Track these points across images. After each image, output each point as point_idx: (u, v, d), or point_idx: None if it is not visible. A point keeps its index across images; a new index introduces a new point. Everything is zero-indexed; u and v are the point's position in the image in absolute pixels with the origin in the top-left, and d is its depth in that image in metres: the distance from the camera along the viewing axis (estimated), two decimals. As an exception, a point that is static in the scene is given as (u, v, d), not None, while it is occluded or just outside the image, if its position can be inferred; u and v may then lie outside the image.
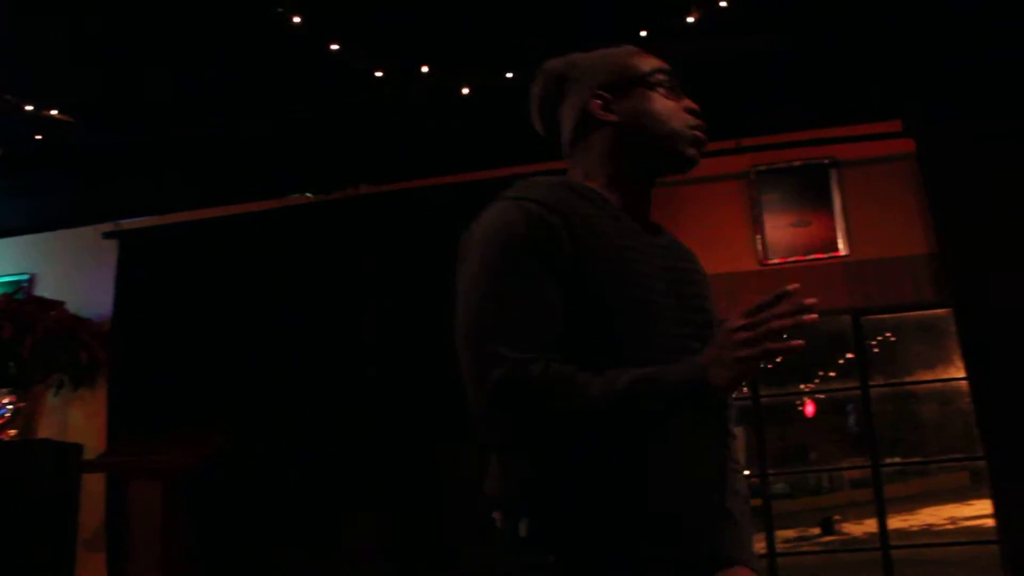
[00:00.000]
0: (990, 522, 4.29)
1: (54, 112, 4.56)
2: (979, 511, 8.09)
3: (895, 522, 7.17)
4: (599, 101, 1.69)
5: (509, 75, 4.36)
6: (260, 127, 4.65)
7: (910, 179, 4.48)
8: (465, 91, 4.47)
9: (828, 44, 4.35)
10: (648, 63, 1.72)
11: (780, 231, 4.67)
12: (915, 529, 10.20)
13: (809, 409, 13.63)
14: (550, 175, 1.64)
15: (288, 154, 4.75)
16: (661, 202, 1.79)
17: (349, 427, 4.49)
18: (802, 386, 9.80)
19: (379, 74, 4.32)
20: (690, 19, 3.92)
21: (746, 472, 1.70)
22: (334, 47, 4.12)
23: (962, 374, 4.39)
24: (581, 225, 1.52)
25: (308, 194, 4.83)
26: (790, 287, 1.36)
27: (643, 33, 4.05)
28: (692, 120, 1.69)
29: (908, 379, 8.64)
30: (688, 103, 1.70)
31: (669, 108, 1.68)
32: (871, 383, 4.73)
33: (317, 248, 4.73)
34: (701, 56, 4.08)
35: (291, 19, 3.90)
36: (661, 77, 1.70)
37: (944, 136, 4.33)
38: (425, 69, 4.33)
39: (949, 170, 4.33)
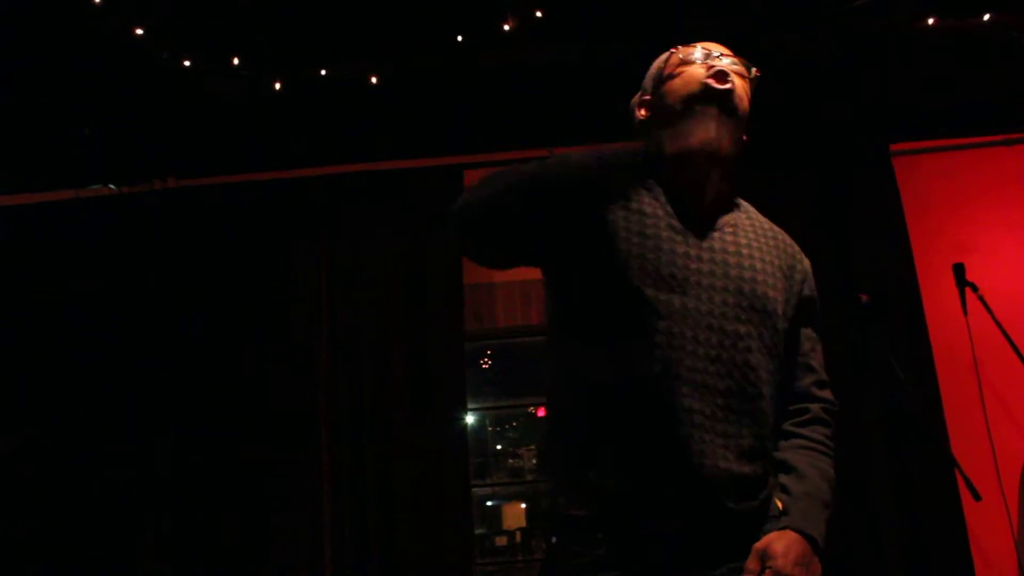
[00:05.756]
0: None
1: None
2: None
3: None
4: (643, 109, 1.78)
5: (323, 72, 4.32)
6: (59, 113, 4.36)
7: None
8: (277, 86, 4.36)
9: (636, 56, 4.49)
10: (673, 49, 1.76)
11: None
12: None
13: None
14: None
15: (89, 144, 4.46)
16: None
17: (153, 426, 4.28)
18: None
19: (187, 63, 4.16)
20: (506, 27, 4.01)
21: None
22: (139, 32, 3.94)
23: None
24: (614, 190, 1.64)
25: (111, 186, 4.56)
26: None
27: (459, 38, 4.12)
28: (705, 73, 1.68)
29: None
30: (713, 60, 1.70)
31: (687, 75, 1.70)
32: None
33: (116, 242, 4.46)
34: (517, 64, 4.20)
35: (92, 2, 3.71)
36: (683, 54, 1.73)
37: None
38: (236, 62, 4.21)
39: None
